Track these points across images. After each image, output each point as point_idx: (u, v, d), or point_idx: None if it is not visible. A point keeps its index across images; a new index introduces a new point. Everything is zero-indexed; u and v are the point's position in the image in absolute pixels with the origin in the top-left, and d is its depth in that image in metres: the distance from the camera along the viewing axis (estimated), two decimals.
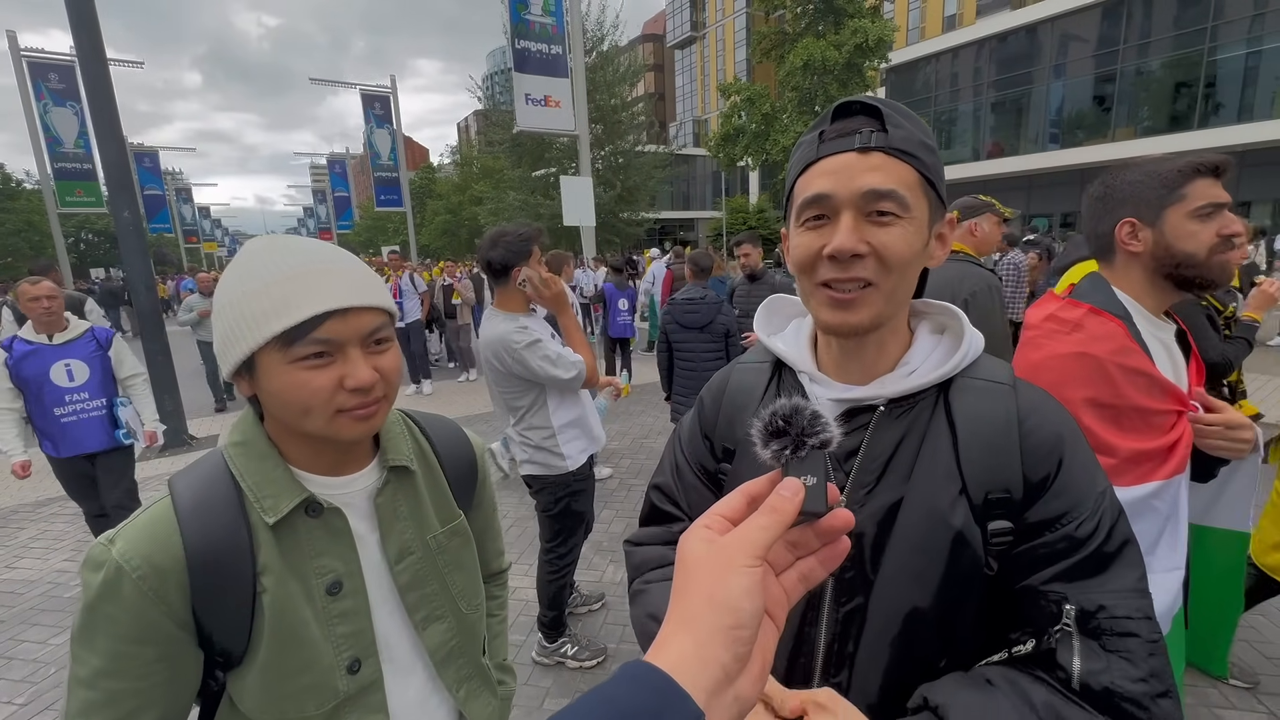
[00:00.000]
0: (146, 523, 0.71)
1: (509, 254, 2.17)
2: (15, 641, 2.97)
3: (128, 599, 0.67)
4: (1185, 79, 17.06)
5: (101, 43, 5.36)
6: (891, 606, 0.65)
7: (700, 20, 52.00)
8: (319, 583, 0.77)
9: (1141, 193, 1.16)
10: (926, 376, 0.68)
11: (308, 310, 0.69)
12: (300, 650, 0.75)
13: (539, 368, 2.20)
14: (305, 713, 0.76)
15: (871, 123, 0.64)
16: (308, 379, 0.70)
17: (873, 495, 0.67)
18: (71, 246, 34.07)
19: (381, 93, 25.15)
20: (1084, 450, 0.66)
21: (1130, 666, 0.58)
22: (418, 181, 40.64)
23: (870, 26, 15.73)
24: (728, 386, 0.84)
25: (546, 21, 13.16)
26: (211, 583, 0.70)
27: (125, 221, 5.57)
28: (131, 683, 0.69)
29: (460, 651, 0.92)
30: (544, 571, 2.56)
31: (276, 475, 0.76)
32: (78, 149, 19.52)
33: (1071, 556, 0.62)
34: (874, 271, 0.63)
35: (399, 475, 0.86)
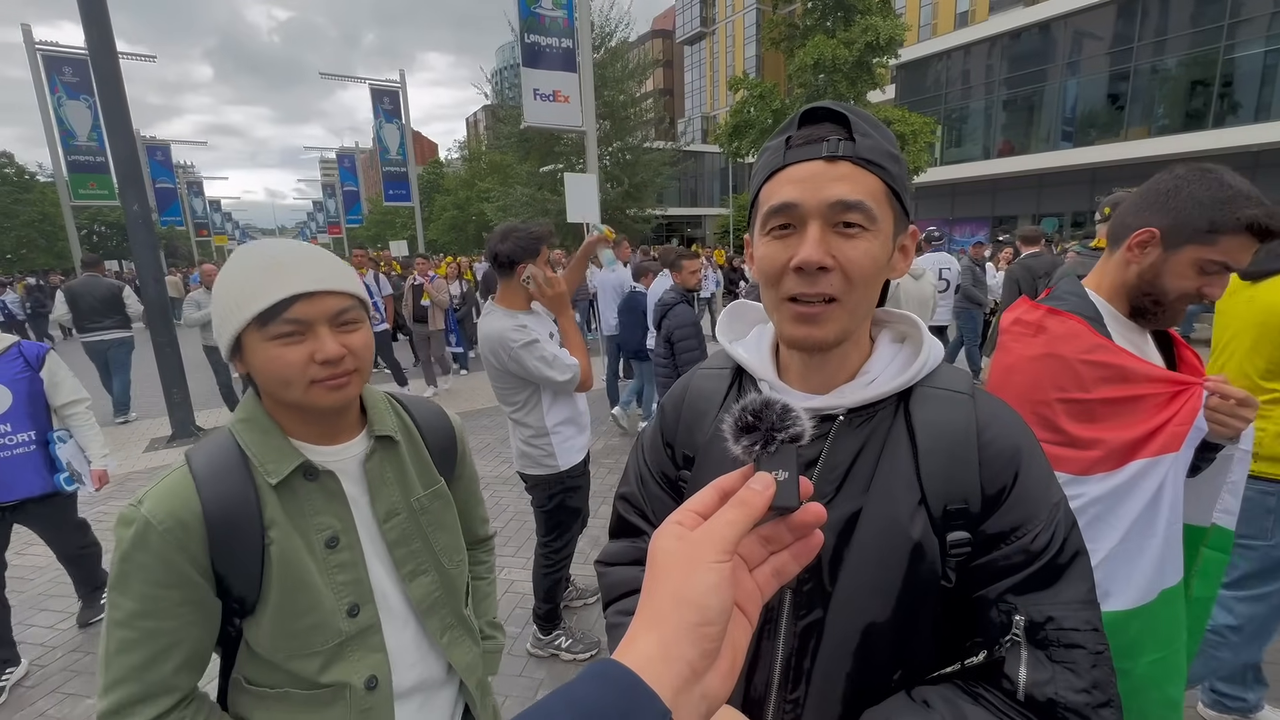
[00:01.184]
0: (168, 486, 0.83)
1: (517, 249, 2.19)
2: (24, 625, 3.03)
3: (155, 548, 0.79)
4: (1201, 77, 16.81)
5: (112, 37, 5.41)
6: (850, 620, 0.65)
7: (710, 16, 51.72)
8: (318, 537, 0.89)
9: (1189, 217, 1.08)
10: (886, 385, 0.68)
11: (278, 294, 0.81)
12: (305, 594, 0.86)
13: (534, 368, 2.22)
14: (312, 648, 0.88)
15: (839, 130, 0.63)
16: (282, 354, 0.82)
17: (832, 506, 0.66)
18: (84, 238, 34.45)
19: (390, 88, 25.21)
20: (1040, 462, 0.67)
21: (1074, 677, 0.59)
22: (426, 176, 40.74)
23: (881, 24, 15.58)
24: (687, 393, 0.84)
25: (557, 15, 13.13)
26: (226, 535, 0.82)
27: (135, 215, 5.63)
28: (162, 622, 0.81)
29: (442, 603, 1.03)
30: (539, 566, 2.58)
31: (277, 444, 0.88)
32: (91, 142, 19.72)
33: (1025, 569, 0.62)
34: (839, 287, 0.63)
35: (385, 445, 0.98)
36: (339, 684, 0.90)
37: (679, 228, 39.22)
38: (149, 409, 7.27)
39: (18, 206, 33.19)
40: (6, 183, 33.63)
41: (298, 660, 0.88)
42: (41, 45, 18.94)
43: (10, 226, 33.11)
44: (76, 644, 2.89)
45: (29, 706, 2.49)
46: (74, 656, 2.80)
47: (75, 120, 19.70)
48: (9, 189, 33.44)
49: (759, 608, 0.41)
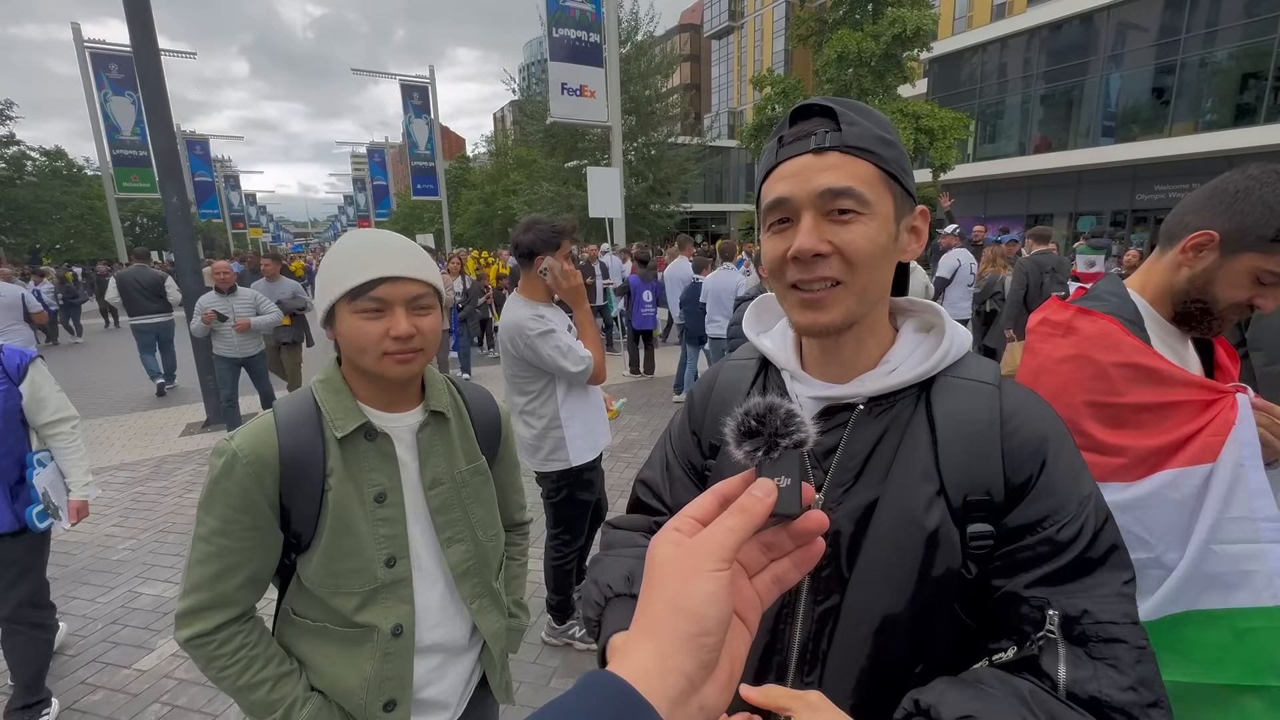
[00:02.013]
0: (256, 427, 0.98)
1: (537, 241, 2.23)
2: (67, 598, 3.19)
3: (238, 478, 0.93)
4: (1254, 70, 16.02)
5: (154, 34, 5.60)
6: (865, 606, 0.65)
7: (739, 9, 51.17)
8: (369, 491, 1.01)
9: (1255, 223, 1.00)
10: (907, 374, 0.68)
11: (368, 274, 0.95)
12: (350, 539, 0.99)
13: (549, 356, 2.25)
14: (351, 588, 1.01)
15: (827, 123, 0.64)
16: (364, 326, 0.96)
17: (850, 494, 0.67)
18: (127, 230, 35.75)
19: (420, 83, 25.58)
20: (1070, 451, 0.65)
21: (1118, 674, 0.56)
22: (453, 171, 41.23)
23: (909, 15, 15.16)
24: (715, 383, 0.85)
25: (586, 8, 13.16)
26: (295, 475, 0.96)
27: (174, 207, 5.83)
28: (234, 541, 0.95)
29: (475, 572, 1.13)
30: (549, 556, 2.62)
31: (346, 404, 1.01)
32: (135, 136, 20.43)
33: (1054, 561, 0.60)
34: (839, 270, 0.63)
35: (437, 419, 1.10)
36: (369, 625, 1.01)
37: (703, 223, 39.00)
38: (185, 395, 7.54)
39: (67, 199, 34.58)
40: (57, 176, 35.05)
41: (338, 597, 1.00)
42: (90, 43, 19.66)
43: (61, 218, 34.53)
44: (115, 616, 3.03)
45: (70, 675, 2.62)
46: (113, 629, 2.93)
47: (120, 115, 20.43)
48: (60, 182, 34.86)
49: (759, 616, 0.40)
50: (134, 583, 3.34)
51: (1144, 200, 18.72)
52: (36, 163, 33.78)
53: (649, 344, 7.84)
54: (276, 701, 0.99)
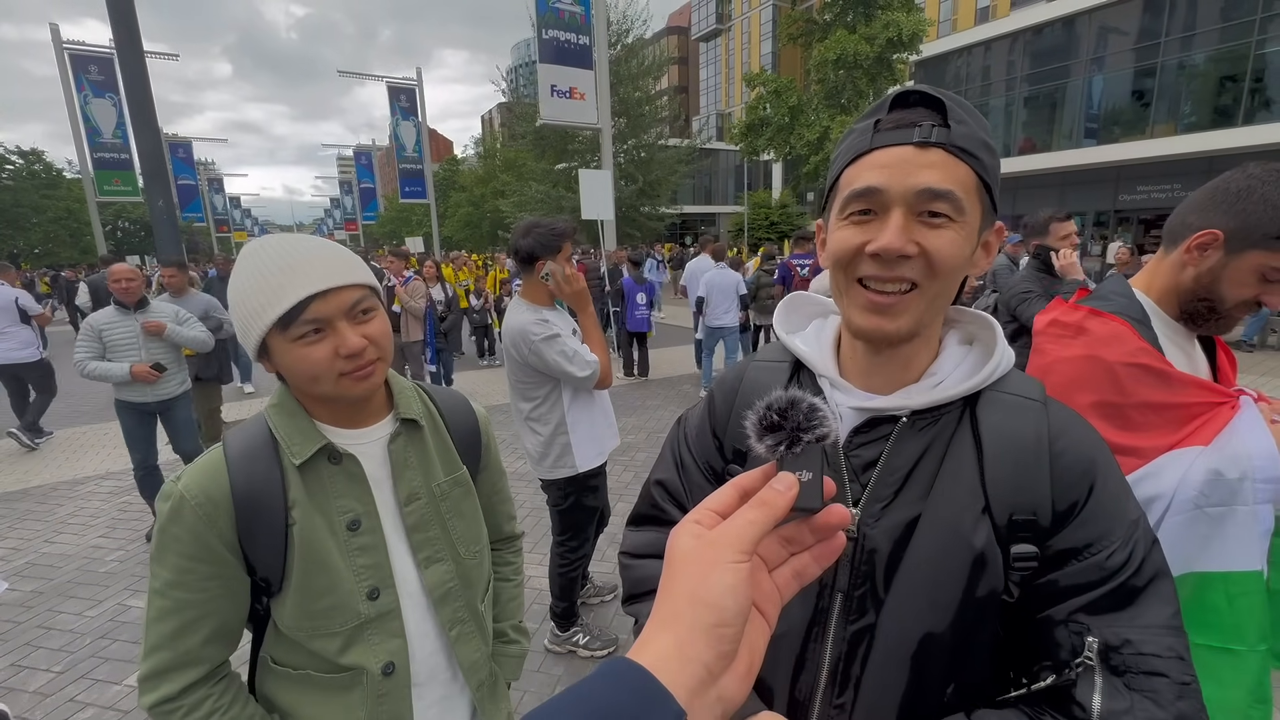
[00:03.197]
0: (203, 465, 0.88)
1: (537, 245, 2.19)
2: (53, 613, 3.10)
3: (188, 523, 0.83)
4: (1231, 73, 16.34)
5: (139, 36, 5.50)
6: (903, 628, 0.62)
7: (726, 12, 51.44)
8: (340, 519, 0.91)
9: (1259, 221, 1.01)
10: (954, 388, 0.64)
11: (295, 296, 0.82)
12: (324, 575, 0.89)
13: (554, 362, 2.21)
14: (331, 629, 0.90)
15: (933, 116, 0.60)
16: (307, 353, 0.84)
17: (889, 510, 0.64)
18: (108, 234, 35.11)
19: (407, 85, 25.41)
20: (1116, 476, 0.63)
21: (1156, 709, 0.54)
22: (441, 174, 41.01)
23: (904, 19, 15.32)
24: (741, 384, 0.79)
25: (575, 10, 13.13)
26: (252, 513, 0.85)
27: (159, 210, 5.72)
28: (192, 594, 0.85)
29: (457, 594, 1.02)
30: (555, 564, 2.59)
31: (303, 427, 0.90)
32: (115, 139, 20.10)
33: (1099, 588, 0.58)
34: (920, 273, 0.59)
35: (410, 428, 1.00)
36: (357, 667, 0.91)
37: (693, 225, 39.11)
38: None
39: (46, 202, 33.95)
40: (35, 179, 34.41)
41: (319, 640, 0.90)
42: (69, 44, 19.31)
43: (38, 223, 33.89)
44: (104, 630, 2.95)
45: (58, 693, 2.54)
46: (102, 644, 2.85)
47: (101, 118, 20.08)
48: (37, 185, 34.22)
49: (778, 609, 0.40)
50: (123, 595, 3.26)
51: (1127, 200, 19.03)
52: (14, 166, 33.13)
53: (643, 346, 7.82)
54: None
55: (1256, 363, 7.42)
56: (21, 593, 3.30)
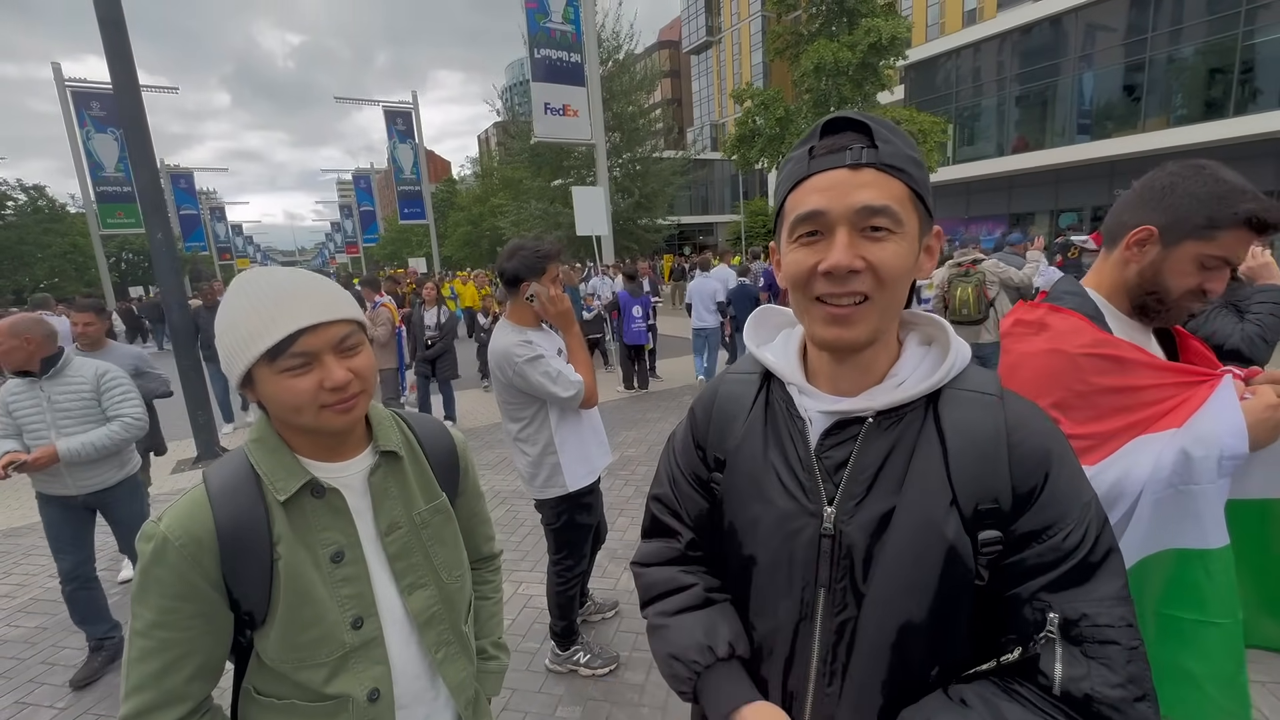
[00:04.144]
0: (185, 504, 0.88)
1: (521, 267, 2.22)
2: (57, 648, 3.11)
3: (171, 563, 0.83)
4: (1220, 65, 16.43)
5: (135, 72, 5.61)
6: (883, 618, 0.67)
7: (716, 25, 52.01)
8: (324, 552, 0.92)
9: (1186, 213, 1.07)
10: (915, 388, 0.69)
11: (285, 329, 0.83)
12: (310, 607, 0.90)
13: (538, 383, 2.22)
14: (317, 660, 0.91)
15: (861, 139, 0.65)
16: (293, 385, 0.85)
17: (862, 506, 0.68)
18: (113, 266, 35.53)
19: (404, 108, 25.74)
20: (1070, 462, 0.67)
21: (1109, 673, 0.60)
22: (440, 194, 41.37)
23: (883, 25, 15.47)
24: (717, 397, 0.86)
25: (566, 29, 13.33)
26: (236, 550, 0.86)
27: (159, 243, 5.80)
28: (175, 633, 0.85)
29: (441, 618, 1.05)
30: (552, 583, 2.58)
31: (286, 462, 0.91)
32: (118, 173, 20.39)
33: (1058, 567, 0.63)
34: (870, 285, 0.64)
35: (389, 459, 1.01)
36: (342, 695, 0.93)
37: (691, 235, 39.28)
38: (175, 432, 7.45)
39: (49, 237, 34.39)
40: (39, 215, 34.87)
41: (304, 671, 0.91)
42: (71, 82, 19.67)
43: (43, 257, 34.30)
44: None
45: None
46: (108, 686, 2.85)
47: (103, 153, 20.41)
48: (40, 221, 34.68)
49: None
50: (127, 629, 3.25)
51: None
52: (18, 202, 33.61)
53: (641, 359, 7.83)
54: None
55: None
56: (25, 629, 3.31)
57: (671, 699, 2.43)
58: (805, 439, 0.74)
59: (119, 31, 5.45)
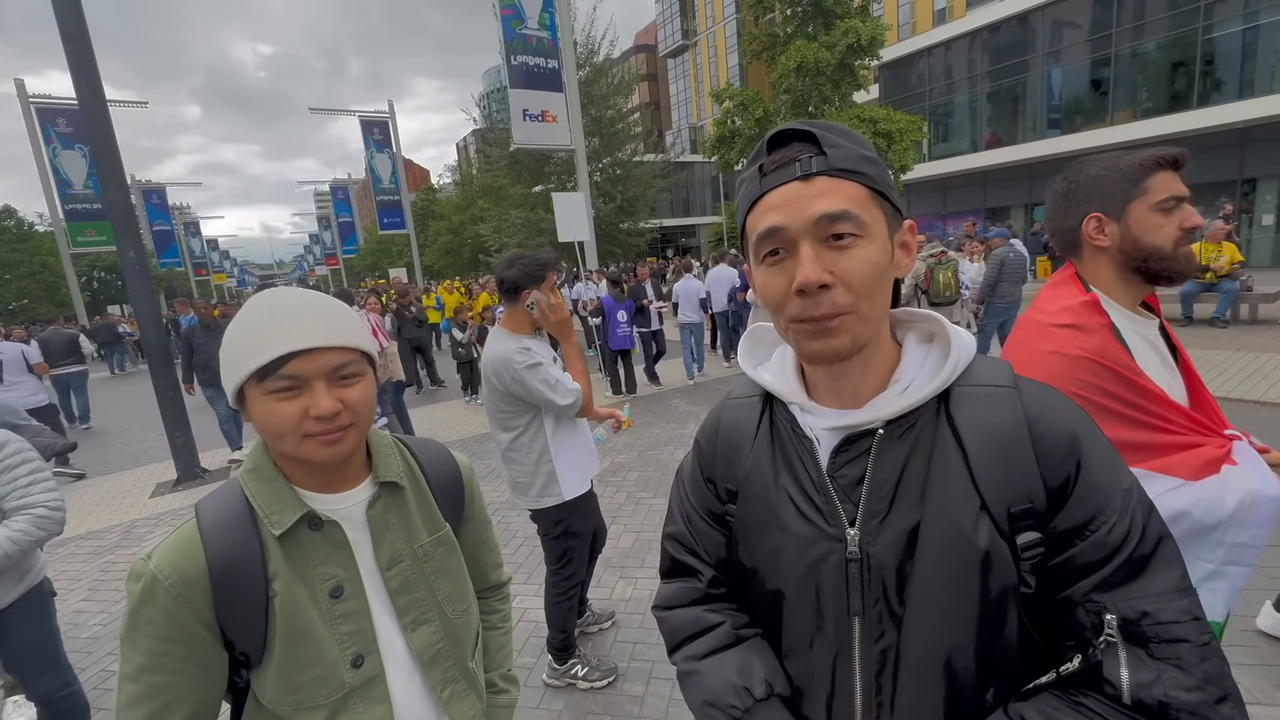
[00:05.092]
0: (175, 541, 0.84)
1: (522, 275, 2.22)
2: None
3: (161, 604, 0.80)
4: (1182, 58, 16.86)
5: (101, 88, 5.48)
6: (926, 641, 0.62)
7: (691, 28, 52.34)
8: (322, 587, 0.88)
9: (1105, 187, 1.17)
10: (922, 390, 0.65)
11: (277, 350, 0.80)
12: (309, 646, 0.86)
13: (537, 390, 2.21)
14: (316, 701, 0.87)
15: (809, 148, 0.63)
16: (277, 408, 0.82)
17: (886, 524, 0.64)
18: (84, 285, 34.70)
19: (380, 118, 25.52)
20: (1102, 445, 0.63)
21: (1183, 674, 0.55)
22: (419, 203, 41.04)
23: (862, 26, 15.68)
24: (720, 426, 0.82)
25: (542, 35, 13.31)
26: (230, 588, 0.82)
27: (131, 261, 5.66)
28: (167, 676, 0.81)
29: (446, 655, 1.00)
30: (550, 595, 2.55)
31: (282, 494, 0.87)
32: (87, 190, 19.95)
33: (1107, 564, 0.58)
34: (844, 300, 0.61)
35: (390, 490, 0.97)
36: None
37: (673, 238, 39.37)
38: (154, 454, 7.27)
39: (17, 256, 33.51)
40: (5, 234, 33.98)
41: (303, 713, 0.87)
42: (35, 98, 19.20)
43: (11, 278, 33.41)
44: (89, 700, 2.85)
45: None
46: None
47: (71, 170, 19.95)
48: (8, 241, 33.79)
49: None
50: (107, 661, 3.16)
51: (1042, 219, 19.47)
52: None
53: (628, 363, 7.81)
54: None
55: (1230, 338, 7.55)
56: None
57: (671, 709, 2.41)
58: (815, 459, 0.70)
59: (83, 47, 5.32)
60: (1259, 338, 7.44)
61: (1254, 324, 8.26)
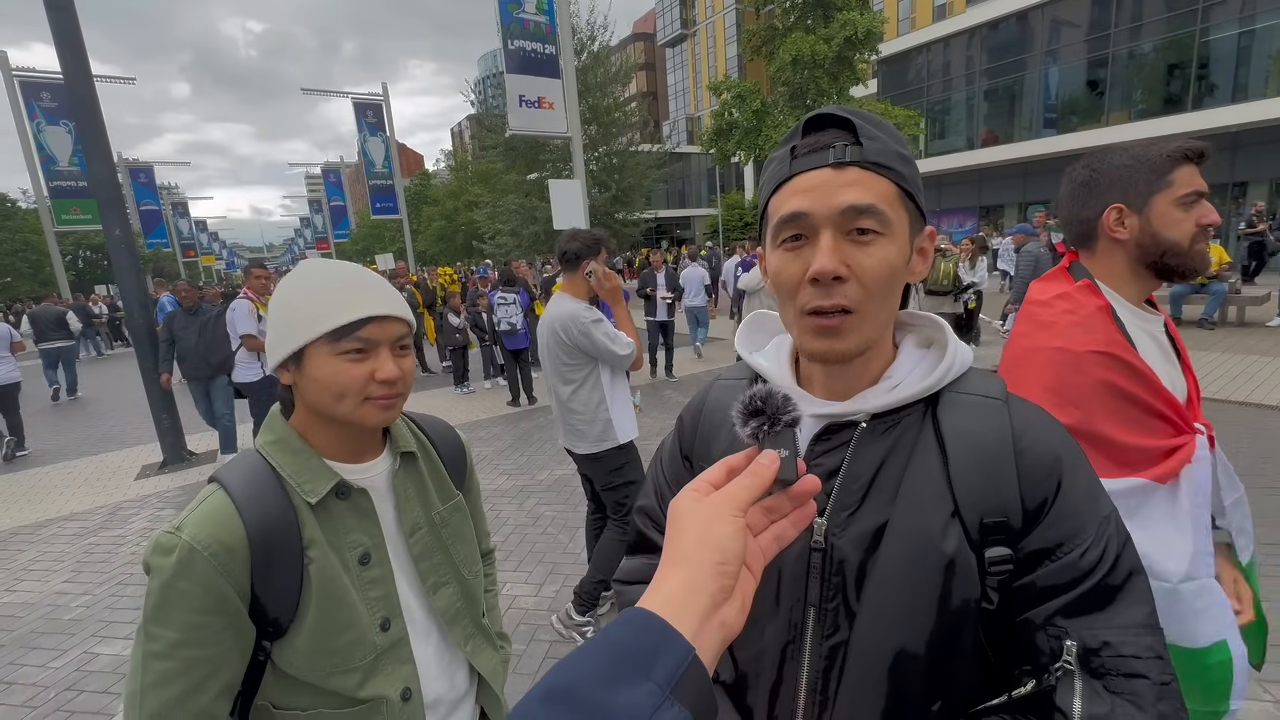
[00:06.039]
0: (208, 511, 0.83)
1: (583, 248, 2.57)
2: (15, 666, 2.96)
3: (200, 575, 0.78)
4: (1178, 61, 16.93)
5: (87, 62, 5.35)
6: (877, 640, 0.61)
7: (690, 18, 51.92)
8: (352, 555, 0.92)
9: (1130, 177, 1.14)
10: (911, 389, 0.64)
11: (355, 314, 0.86)
12: (343, 611, 0.89)
13: (600, 341, 2.52)
14: (351, 664, 0.90)
15: (845, 136, 0.61)
16: (347, 369, 0.86)
17: (855, 518, 0.63)
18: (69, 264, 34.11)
19: (374, 100, 25.14)
20: (1085, 471, 0.62)
21: (1137, 711, 0.53)
22: (413, 188, 40.60)
23: (859, 19, 15.62)
24: (705, 404, 0.82)
25: (540, 20, 13.11)
26: (269, 556, 0.83)
27: (116, 239, 5.56)
28: (204, 650, 0.80)
29: (464, 613, 1.07)
30: (613, 536, 2.72)
31: (312, 464, 0.90)
32: (72, 167, 19.50)
33: (1074, 589, 0.57)
34: (855, 297, 0.60)
35: (407, 460, 1.02)
36: (377, 698, 0.92)
37: (668, 229, 39.26)
38: (139, 436, 7.18)
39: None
40: None
41: (337, 677, 0.89)
42: (19, 71, 18.75)
43: None
44: (70, 682, 2.82)
45: None
46: (67, 696, 2.73)
47: (55, 146, 19.50)
48: None
49: (762, 566, 0.46)
50: (90, 643, 3.12)
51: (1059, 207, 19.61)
52: None
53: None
54: None
55: (1218, 339, 7.64)
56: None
57: None
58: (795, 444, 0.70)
59: (68, 15, 5.18)
60: (1246, 339, 7.54)
61: (1241, 326, 8.37)
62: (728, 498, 0.43)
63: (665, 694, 0.33)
